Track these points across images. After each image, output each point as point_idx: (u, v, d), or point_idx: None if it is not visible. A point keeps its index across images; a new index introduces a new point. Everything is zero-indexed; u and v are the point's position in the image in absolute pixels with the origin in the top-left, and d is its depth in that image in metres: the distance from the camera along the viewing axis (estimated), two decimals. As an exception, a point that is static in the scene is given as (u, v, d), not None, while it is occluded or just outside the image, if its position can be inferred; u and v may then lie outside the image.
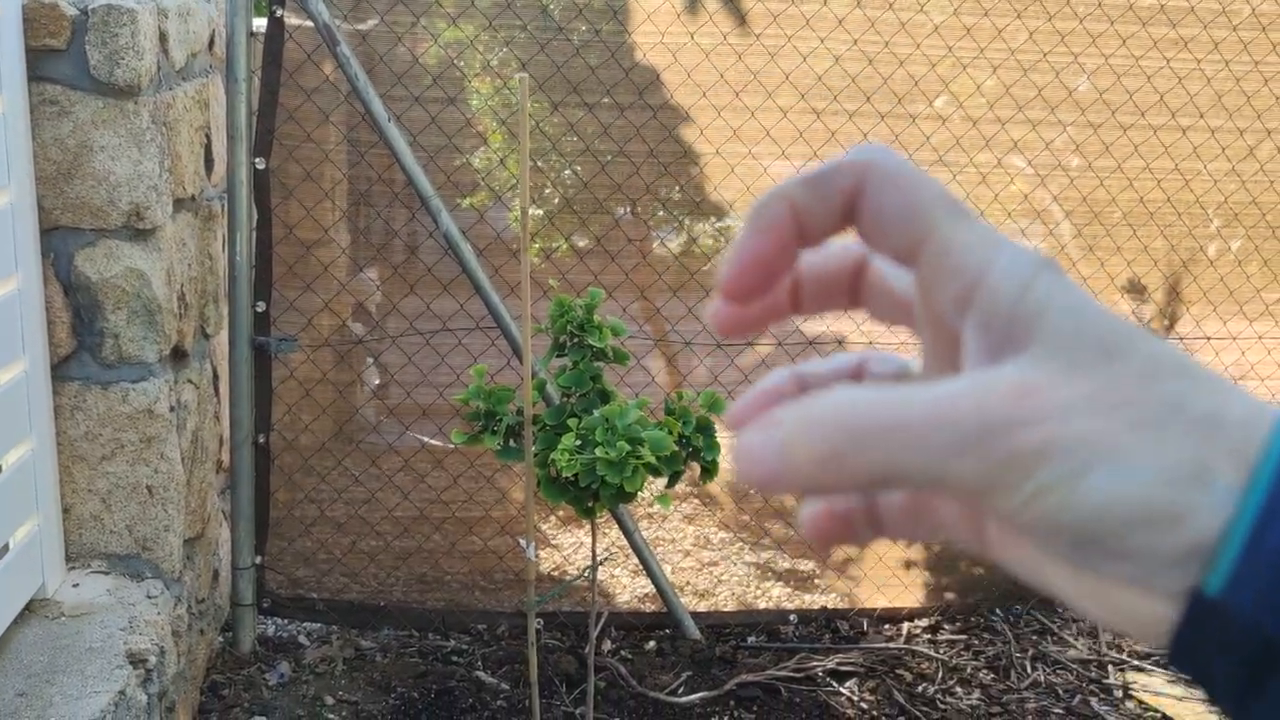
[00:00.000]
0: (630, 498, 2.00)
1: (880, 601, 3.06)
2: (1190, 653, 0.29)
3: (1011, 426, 0.29)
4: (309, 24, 2.46)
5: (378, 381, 2.85)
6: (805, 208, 0.35)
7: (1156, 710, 2.72)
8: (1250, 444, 0.28)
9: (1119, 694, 2.78)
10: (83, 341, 2.07)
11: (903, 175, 0.33)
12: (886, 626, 3.04)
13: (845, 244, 0.37)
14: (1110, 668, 2.89)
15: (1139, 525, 0.28)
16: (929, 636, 3.01)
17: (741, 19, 2.60)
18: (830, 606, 3.05)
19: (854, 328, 2.90)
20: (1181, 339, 3.02)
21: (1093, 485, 0.28)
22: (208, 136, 2.49)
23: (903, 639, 2.99)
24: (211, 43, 2.55)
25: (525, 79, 1.78)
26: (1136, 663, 2.91)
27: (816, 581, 3.09)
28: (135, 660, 1.93)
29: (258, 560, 2.72)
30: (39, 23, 1.90)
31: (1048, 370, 0.29)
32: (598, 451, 1.92)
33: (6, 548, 1.93)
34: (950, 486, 0.30)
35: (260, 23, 2.49)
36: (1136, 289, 3.04)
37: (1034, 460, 0.29)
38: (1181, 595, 0.29)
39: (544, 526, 3.13)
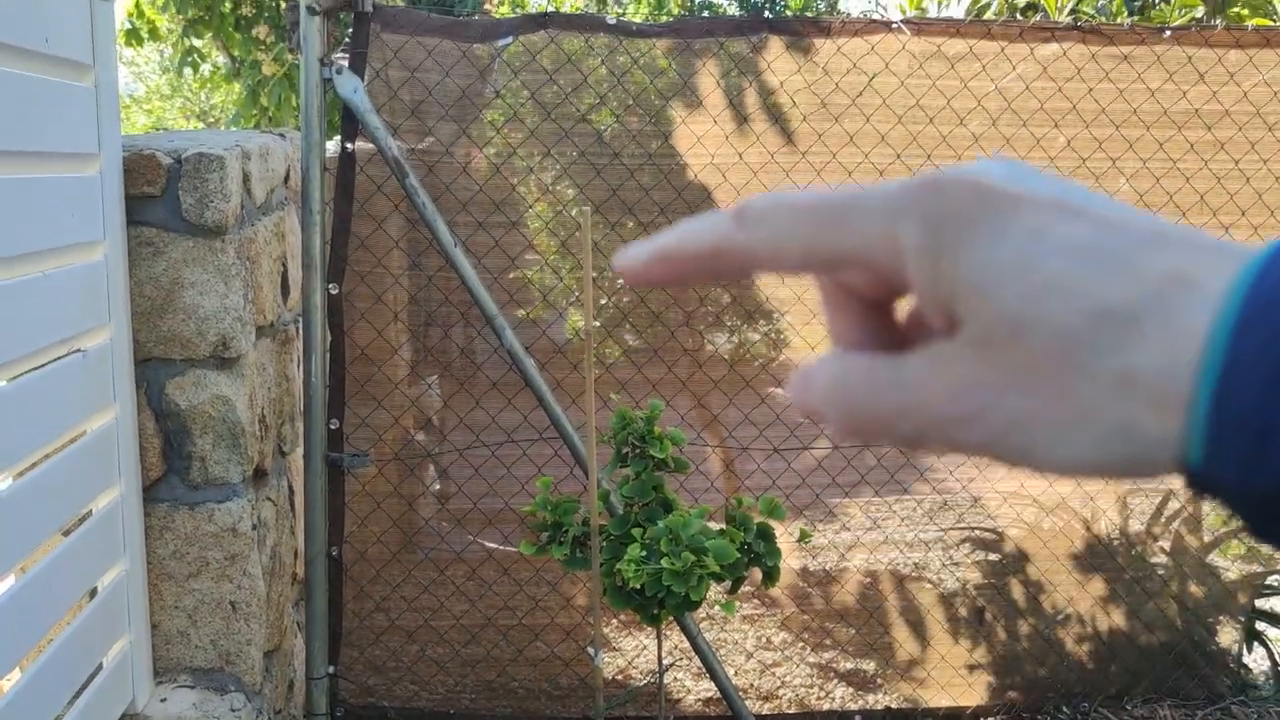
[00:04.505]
0: (695, 606, 2.05)
1: (944, 701, 3.06)
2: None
3: (951, 423, 0.33)
4: (370, 146, 2.61)
5: (442, 490, 2.94)
6: None
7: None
8: (1174, 391, 0.29)
9: (1193, 794, 2.75)
10: (171, 465, 2.18)
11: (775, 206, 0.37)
12: (952, 727, 3.03)
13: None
14: (1183, 766, 2.85)
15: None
16: (996, 736, 2.99)
17: (788, 138, 2.72)
18: (894, 707, 3.05)
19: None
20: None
21: (1043, 458, 0.32)
22: (284, 265, 2.63)
23: (969, 739, 2.97)
24: (287, 177, 2.71)
25: (588, 211, 1.89)
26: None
27: (879, 682, 3.09)
28: (222, 774, 2.00)
29: (331, 670, 2.78)
30: (138, 172, 2.05)
31: (968, 360, 0.32)
32: (663, 562, 1.99)
33: (100, 667, 2.01)
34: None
35: (331, 153, 2.64)
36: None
37: (980, 449, 0.33)
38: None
39: (606, 630, 3.17)
